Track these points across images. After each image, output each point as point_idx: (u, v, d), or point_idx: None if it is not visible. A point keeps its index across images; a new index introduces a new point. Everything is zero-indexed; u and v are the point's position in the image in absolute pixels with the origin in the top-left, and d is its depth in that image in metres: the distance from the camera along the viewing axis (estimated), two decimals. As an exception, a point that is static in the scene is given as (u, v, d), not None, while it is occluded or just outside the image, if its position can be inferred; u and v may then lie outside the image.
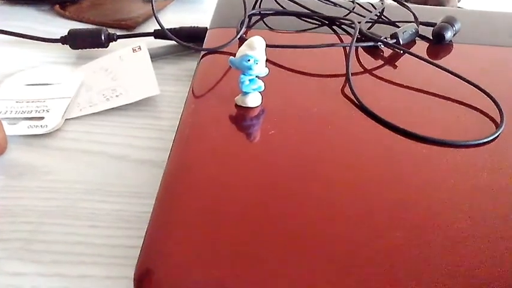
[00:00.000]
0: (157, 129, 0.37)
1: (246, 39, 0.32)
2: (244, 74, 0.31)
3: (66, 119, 0.37)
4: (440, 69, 0.37)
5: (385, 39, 0.40)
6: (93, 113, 0.38)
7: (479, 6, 0.62)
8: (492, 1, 0.68)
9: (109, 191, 0.31)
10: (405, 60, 0.39)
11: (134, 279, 0.22)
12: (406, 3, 0.50)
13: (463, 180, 0.27)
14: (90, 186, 0.32)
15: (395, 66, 0.38)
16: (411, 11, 0.46)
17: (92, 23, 0.53)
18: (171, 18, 0.57)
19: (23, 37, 0.48)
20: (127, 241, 0.28)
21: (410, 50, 0.40)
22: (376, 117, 0.31)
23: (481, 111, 0.33)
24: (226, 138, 0.29)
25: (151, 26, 0.54)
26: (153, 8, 0.39)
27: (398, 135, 0.30)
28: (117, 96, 0.39)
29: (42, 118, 0.37)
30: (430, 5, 0.58)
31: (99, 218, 0.29)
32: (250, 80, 0.31)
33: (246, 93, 0.31)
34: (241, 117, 0.31)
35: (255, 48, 0.30)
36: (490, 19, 0.48)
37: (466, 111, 0.33)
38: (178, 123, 0.31)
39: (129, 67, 0.42)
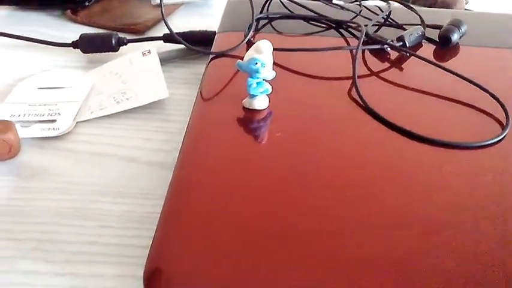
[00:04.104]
0: (166, 132, 0.38)
1: (253, 43, 0.32)
2: (251, 77, 0.31)
3: (77, 122, 0.38)
4: (446, 71, 0.37)
5: (391, 42, 0.40)
6: (104, 116, 0.39)
7: (487, 9, 0.62)
8: (500, 3, 0.68)
9: (119, 192, 0.32)
10: (411, 63, 0.40)
11: (144, 277, 0.22)
12: (412, 6, 0.50)
13: (470, 181, 0.27)
14: (101, 187, 0.32)
15: (401, 69, 0.39)
16: (418, 14, 0.46)
17: (103, 28, 0.54)
18: (179, 23, 0.57)
19: (35, 42, 0.49)
20: (137, 241, 0.29)
21: (416, 53, 0.40)
22: (382, 119, 0.32)
23: (487, 113, 0.34)
24: (234, 140, 0.30)
25: (161, 30, 0.54)
26: (162, 13, 0.40)
27: (405, 137, 0.31)
28: (127, 99, 0.40)
29: (54, 121, 0.37)
30: (438, 8, 0.58)
31: (110, 218, 0.30)
32: (257, 83, 0.32)
33: (253, 96, 0.32)
34: (249, 120, 0.32)
35: (262, 51, 0.31)
36: (496, 21, 0.49)
37: (472, 113, 0.34)
38: (187, 125, 0.32)
39: (139, 71, 0.43)
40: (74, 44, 0.47)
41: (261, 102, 0.32)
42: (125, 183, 0.33)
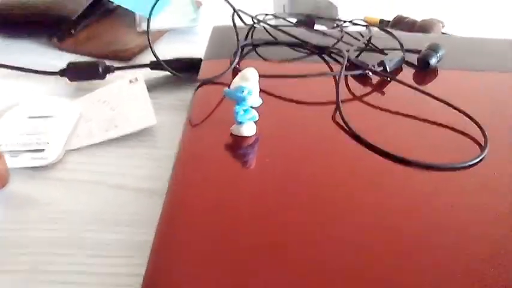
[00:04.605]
0: (154, 159, 0.38)
1: (239, 70, 0.33)
2: (238, 105, 0.32)
3: (66, 151, 0.38)
4: (426, 95, 0.39)
5: (372, 67, 0.42)
6: (92, 144, 0.39)
7: (462, 32, 0.65)
8: (475, 28, 0.71)
9: (109, 220, 0.32)
10: (392, 87, 0.41)
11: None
12: (392, 30, 0.52)
13: (451, 201, 0.28)
14: (91, 215, 0.33)
15: (383, 93, 0.40)
16: (397, 39, 0.48)
17: (89, 55, 0.55)
18: (165, 49, 0.58)
19: (21, 70, 0.49)
20: (129, 269, 0.29)
21: (397, 77, 0.42)
22: (365, 143, 0.33)
23: (466, 135, 0.35)
24: (223, 166, 0.30)
25: (147, 57, 0.55)
26: (149, 41, 0.40)
27: (388, 160, 0.32)
28: (115, 126, 0.40)
29: (42, 150, 0.38)
30: (416, 32, 0.60)
31: (101, 247, 0.30)
32: (244, 110, 0.32)
33: (240, 123, 0.33)
34: (237, 146, 0.32)
35: (248, 79, 0.32)
36: (472, 45, 0.50)
37: (451, 135, 0.35)
38: (177, 152, 0.32)
39: (127, 98, 0.44)
40: (61, 72, 0.47)
41: (248, 129, 0.33)
42: (115, 210, 0.33)
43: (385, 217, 0.27)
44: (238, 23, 0.48)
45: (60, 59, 0.54)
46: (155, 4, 0.41)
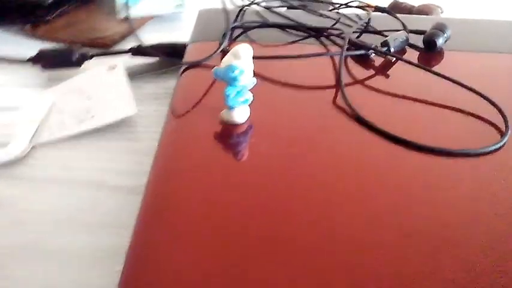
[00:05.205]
0: (134, 152, 0.34)
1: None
2: (230, 86, 0.28)
3: (35, 145, 0.34)
4: (438, 76, 0.35)
5: (376, 47, 0.38)
6: (65, 137, 0.35)
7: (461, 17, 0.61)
8: (474, 11, 0.67)
9: (82, 221, 0.28)
10: (397, 68, 0.37)
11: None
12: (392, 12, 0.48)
13: (470, 188, 0.25)
14: (61, 217, 0.28)
15: (387, 75, 0.36)
16: (399, 19, 0.44)
17: (67, 43, 0.50)
18: (148, 38, 0.54)
19: (-12, 59, 0.45)
20: (103, 280, 0.25)
21: (403, 58, 0.38)
22: (374, 128, 0.29)
23: (482, 119, 0.31)
24: (209, 158, 0.26)
25: (128, 45, 0.51)
26: (130, 22, 0.36)
27: (398, 145, 0.28)
28: (92, 117, 0.36)
29: (6, 144, 0.33)
30: (415, 15, 0.57)
31: (71, 253, 0.26)
32: (237, 92, 0.28)
33: (232, 108, 0.29)
34: (227, 135, 0.28)
35: (241, 57, 0.27)
36: (475, 27, 0.47)
37: (464, 118, 0.31)
38: (158, 144, 0.28)
39: (105, 86, 0.40)
40: (32, 60, 0.43)
41: (240, 114, 0.29)
42: (89, 210, 0.29)
43: (396, 205, 0.23)
44: (227, 5, 0.43)
45: (35, 48, 0.50)
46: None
